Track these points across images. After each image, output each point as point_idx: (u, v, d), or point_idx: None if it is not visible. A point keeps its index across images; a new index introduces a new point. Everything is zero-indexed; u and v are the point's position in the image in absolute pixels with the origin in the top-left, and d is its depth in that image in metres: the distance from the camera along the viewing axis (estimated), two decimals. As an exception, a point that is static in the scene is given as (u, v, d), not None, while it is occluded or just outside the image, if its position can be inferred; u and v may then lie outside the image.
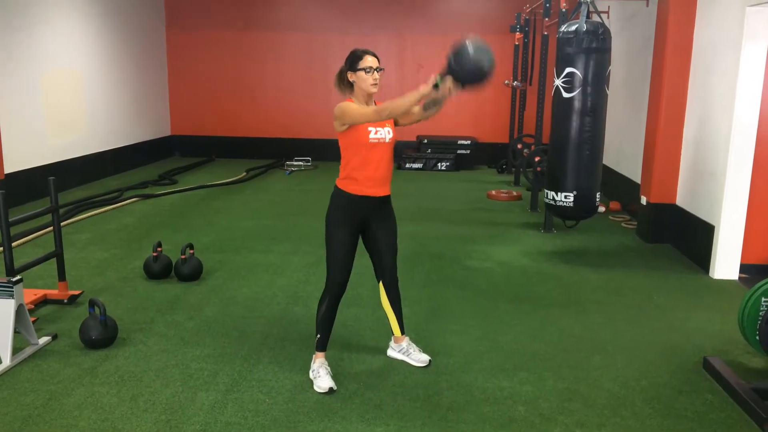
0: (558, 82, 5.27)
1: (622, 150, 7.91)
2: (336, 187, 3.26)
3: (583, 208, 5.38)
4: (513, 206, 7.86)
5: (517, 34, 9.80)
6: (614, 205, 7.65)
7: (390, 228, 3.36)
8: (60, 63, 8.23)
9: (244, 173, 9.82)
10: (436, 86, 2.92)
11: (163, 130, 11.54)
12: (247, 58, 11.43)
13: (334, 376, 3.31)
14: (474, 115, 11.34)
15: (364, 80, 3.13)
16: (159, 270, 4.85)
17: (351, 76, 3.16)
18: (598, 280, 5.04)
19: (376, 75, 3.13)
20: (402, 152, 10.82)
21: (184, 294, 4.56)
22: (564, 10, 6.08)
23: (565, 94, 5.22)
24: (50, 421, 2.91)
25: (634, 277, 5.12)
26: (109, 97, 9.54)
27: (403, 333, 3.58)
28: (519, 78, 9.71)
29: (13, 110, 7.27)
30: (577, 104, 5.21)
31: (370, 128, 3.13)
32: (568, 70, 5.17)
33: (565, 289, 4.84)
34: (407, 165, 10.66)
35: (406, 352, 3.56)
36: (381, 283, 3.46)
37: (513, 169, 9.66)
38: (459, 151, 10.68)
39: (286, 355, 3.60)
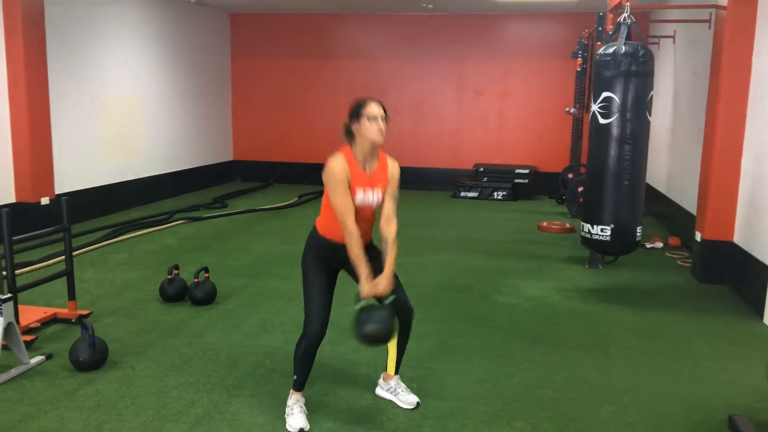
0: (595, 107, 4.94)
1: (685, 182, 7.37)
2: (314, 227, 3.10)
3: (622, 243, 4.97)
4: (563, 239, 7.45)
5: (578, 60, 9.42)
6: (673, 240, 7.11)
7: (379, 267, 3.12)
8: (122, 89, 8.53)
9: (296, 198, 9.84)
10: (357, 297, 2.94)
11: (226, 155, 11.78)
12: (307, 85, 11.54)
13: (314, 412, 3.12)
14: (535, 144, 10.96)
15: (368, 129, 2.93)
16: (173, 293, 4.82)
17: (354, 126, 2.97)
18: (632, 322, 4.62)
19: (381, 124, 2.94)
20: (457, 180, 10.57)
21: (192, 318, 4.50)
22: (611, 32, 5.74)
23: (602, 120, 4.88)
24: (10, 444, 2.86)
25: (674, 320, 4.67)
26: (171, 123, 9.82)
27: (396, 373, 3.34)
28: (577, 105, 9.30)
29: (71, 133, 7.55)
30: (615, 131, 4.84)
31: (358, 190, 2.94)
32: (605, 94, 4.83)
33: (593, 330, 4.45)
34: (462, 194, 10.39)
35: (393, 391, 3.32)
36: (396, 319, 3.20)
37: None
38: (517, 180, 10.32)
39: (270, 388, 3.44)
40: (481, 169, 10.50)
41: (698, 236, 5.72)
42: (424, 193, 10.69)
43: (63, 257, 5.86)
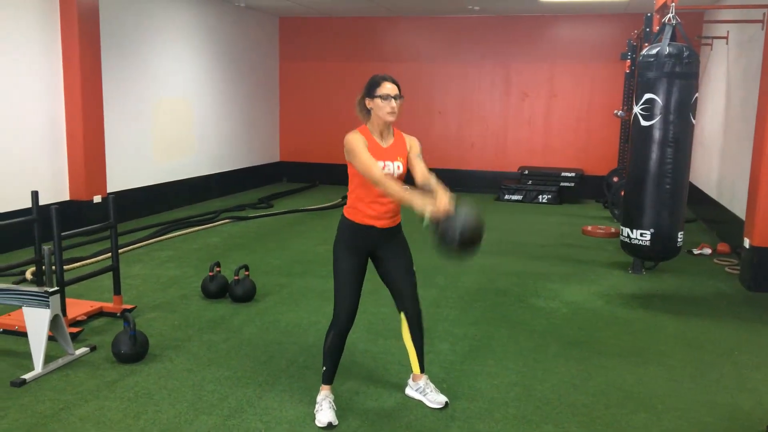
0: (636, 109, 4.85)
1: (735, 187, 7.14)
2: (342, 215, 3.15)
3: (662, 248, 4.87)
4: (607, 243, 7.31)
5: (627, 62, 9.24)
6: (722, 246, 6.90)
7: (403, 259, 3.17)
8: (173, 91, 8.77)
9: (340, 199, 9.94)
10: (421, 218, 2.79)
11: (273, 156, 11.98)
12: (353, 87, 11.56)
13: (343, 410, 3.16)
14: (581, 146, 10.79)
15: (381, 108, 3.00)
16: (215, 290, 4.94)
17: (368, 103, 3.05)
18: (674, 329, 4.52)
19: (394, 103, 2.99)
20: (501, 183, 10.49)
21: (231, 315, 4.60)
22: (654, 34, 5.62)
23: (644, 122, 4.79)
24: (52, 431, 2.98)
25: (718, 329, 4.54)
26: (219, 124, 10.05)
27: (422, 371, 3.35)
28: (625, 107, 9.12)
29: (123, 133, 7.81)
30: (657, 133, 4.75)
31: (379, 162, 2.98)
32: (647, 96, 4.74)
33: (632, 336, 4.37)
34: (506, 196, 10.31)
35: (422, 391, 3.33)
36: (402, 314, 3.26)
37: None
38: (563, 184, 10.18)
39: (302, 384, 3.50)
40: (526, 171, 10.40)
41: (747, 243, 5.55)
42: (468, 195, 10.64)
43: (105, 256, 6.11)
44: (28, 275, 5.35)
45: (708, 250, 6.83)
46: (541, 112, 10.89)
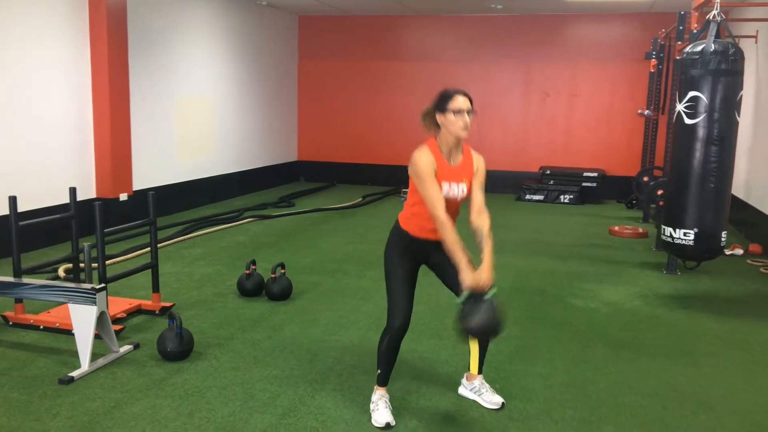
0: (680, 107, 4.79)
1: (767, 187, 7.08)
2: (396, 222, 3.10)
3: (705, 248, 4.80)
4: (636, 244, 7.25)
5: (652, 61, 9.18)
6: (754, 247, 6.83)
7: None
8: (194, 90, 8.75)
9: (360, 199, 9.89)
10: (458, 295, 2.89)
11: (291, 156, 11.94)
12: (371, 86, 11.59)
13: (397, 410, 3.11)
14: (603, 147, 10.72)
15: (453, 123, 2.91)
16: (251, 288, 4.89)
17: (439, 118, 2.96)
18: (719, 330, 4.45)
19: (467, 118, 2.91)
20: (522, 183, 10.43)
21: (270, 313, 4.56)
22: (695, 31, 5.56)
23: (688, 121, 4.73)
24: (108, 429, 2.94)
25: (763, 329, 4.48)
26: (240, 123, 10.02)
27: (479, 372, 3.30)
28: (651, 107, 9.06)
29: (147, 132, 7.79)
30: (701, 132, 4.69)
31: (444, 184, 2.92)
32: (691, 94, 4.68)
33: (678, 337, 4.31)
34: (527, 196, 10.25)
35: (478, 391, 3.28)
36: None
37: (642, 205, 8.97)
38: (584, 184, 10.10)
39: (353, 383, 3.45)
40: (548, 171, 10.33)
41: (786, 243, 5.48)
42: (488, 195, 10.49)
43: (144, 250, 6.07)
44: (61, 273, 5.32)
45: (740, 251, 6.76)
46: (562, 112, 10.83)
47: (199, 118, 8.97)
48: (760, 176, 7.37)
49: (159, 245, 6.39)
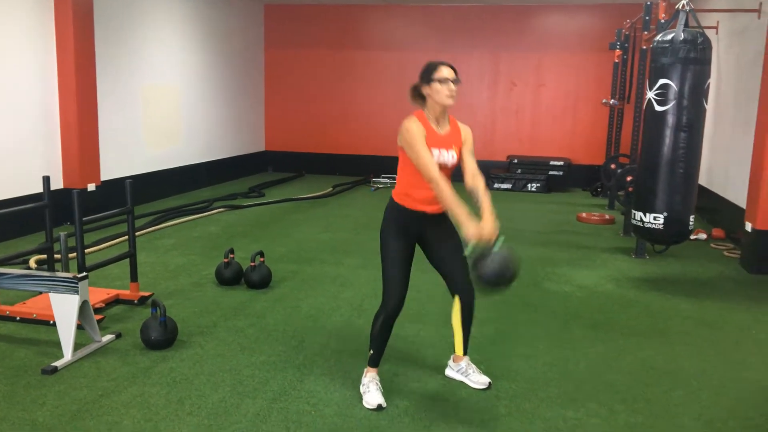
0: (650, 94, 4.92)
1: (729, 173, 7.31)
2: (391, 198, 3.13)
3: (675, 232, 4.95)
4: (604, 230, 7.42)
5: (617, 51, 9.37)
6: (717, 232, 7.07)
7: (452, 242, 3.15)
8: (160, 78, 8.61)
9: (330, 188, 9.88)
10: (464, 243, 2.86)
11: (258, 146, 11.85)
12: (340, 76, 11.57)
13: (386, 392, 3.14)
14: (569, 136, 10.91)
15: (439, 92, 2.97)
16: (230, 276, 4.87)
17: (425, 89, 3.01)
18: (689, 311, 4.61)
19: (452, 86, 2.97)
20: (490, 172, 10.55)
21: (250, 301, 4.55)
22: (663, 21, 5.71)
23: (658, 108, 4.86)
24: (97, 417, 2.91)
25: (732, 310, 4.65)
26: (207, 112, 9.90)
27: (465, 353, 3.36)
28: (617, 96, 9.26)
29: (114, 121, 7.64)
30: (670, 119, 4.82)
31: (434, 150, 2.96)
32: (661, 81, 4.81)
33: (651, 317, 4.45)
34: (495, 185, 10.39)
35: (464, 372, 3.34)
36: (457, 298, 3.21)
37: (608, 192, 9.17)
38: (551, 173, 10.29)
39: (341, 368, 3.48)
40: (515, 161, 10.48)
41: (749, 226, 5.68)
42: (456, 184, 10.62)
43: (116, 240, 5.98)
44: (33, 264, 5.21)
45: (703, 236, 6.98)
46: (529, 102, 10.98)
47: (166, 107, 8.84)
48: (720, 163, 7.61)
49: (117, 240, 6.28)
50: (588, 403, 3.15)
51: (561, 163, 10.30)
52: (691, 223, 5.01)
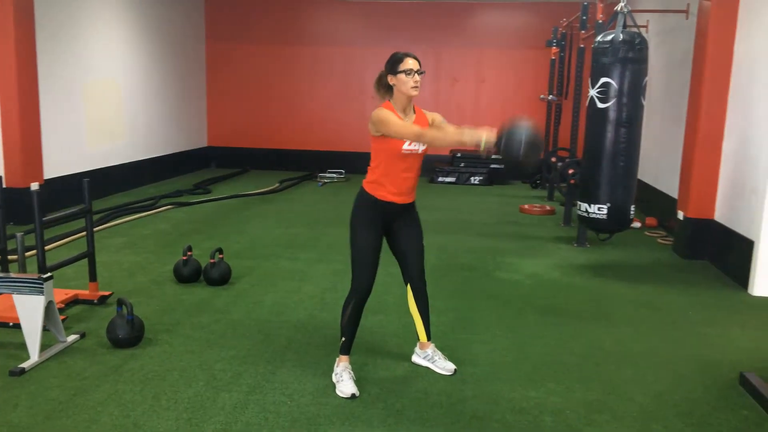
0: (593, 92, 5.20)
1: (660, 165, 7.75)
2: (362, 188, 3.25)
3: (617, 221, 5.26)
4: (546, 220, 7.75)
5: (554, 49, 9.73)
6: (650, 220, 7.49)
7: (415, 232, 3.34)
8: (101, 73, 8.43)
9: (277, 184, 9.89)
10: (479, 143, 2.86)
11: (200, 141, 11.71)
12: (284, 71, 11.56)
13: (357, 381, 3.27)
14: (508, 130, 11.23)
15: (405, 83, 3.10)
16: (188, 274, 4.88)
17: (391, 80, 3.14)
18: (630, 295, 4.92)
19: (417, 77, 3.10)
20: (434, 166, 10.78)
21: (212, 298, 4.59)
22: (601, 21, 6.01)
23: (600, 105, 5.14)
24: (73, 415, 2.93)
25: (668, 293, 4.98)
26: (148, 108, 9.74)
27: (429, 339, 3.52)
28: (554, 92, 9.62)
29: (56, 117, 7.45)
30: (612, 115, 5.12)
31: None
32: (603, 80, 5.09)
33: (596, 302, 4.73)
34: (440, 179, 10.62)
35: (431, 359, 3.50)
36: (409, 286, 3.41)
37: (547, 184, 9.54)
38: (492, 166, 10.60)
39: (310, 359, 3.58)
40: (458, 154, 10.74)
41: (681, 215, 6.07)
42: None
43: (69, 239, 5.89)
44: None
45: (638, 224, 7.38)
46: (470, 97, 11.26)
47: (108, 103, 8.66)
48: (652, 156, 8.04)
49: (78, 235, 6.19)
50: (546, 383, 3.36)
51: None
52: (632, 212, 5.33)
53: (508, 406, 3.11)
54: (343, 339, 3.26)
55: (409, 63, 3.11)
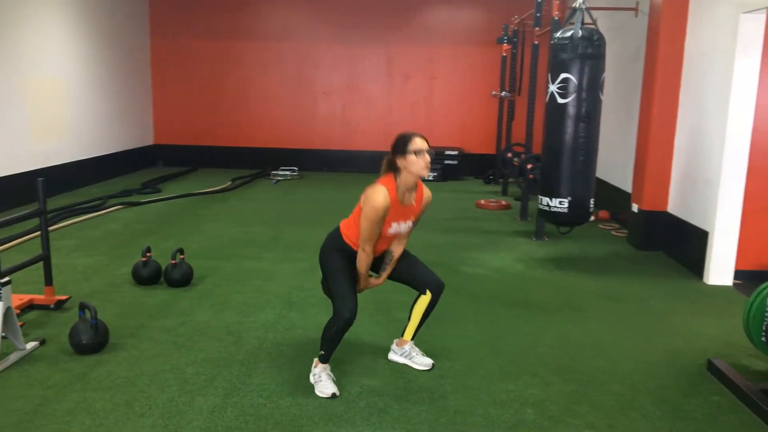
0: (553, 87, 5.27)
1: (611, 159, 7.93)
2: (338, 230, 3.22)
3: (578, 214, 5.35)
4: (502, 215, 7.84)
5: (505, 45, 9.85)
6: (603, 214, 7.66)
7: (404, 257, 3.38)
8: (44, 70, 8.08)
9: (230, 182, 9.70)
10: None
11: (147, 139, 11.38)
12: (233, 67, 11.34)
13: (336, 380, 3.21)
14: (460, 126, 11.34)
15: (415, 164, 3.04)
16: (148, 275, 4.72)
17: (400, 161, 3.06)
18: (593, 286, 5.01)
19: (428, 158, 3.05)
20: (389, 162, 10.74)
21: (175, 299, 4.44)
22: (556, 18, 6.10)
23: (560, 100, 5.22)
24: (41, 426, 2.78)
25: (628, 284, 5.10)
26: (93, 105, 9.39)
27: (412, 339, 3.50)
28: (507, 88, 9.74)
29: (-5, 115, 7.11)
30: (571, 110, 5.20)
31: (393, 224, 3.10)
32: (563, 75, 5.17)
33: (562, 294, 4.80)
34: (394, 175, 10.59)
35: (408, 355, 3.48)
36: (428, 290, 3.34)
37: (501, 179, 9.65)
38: (447, 162, 10.66)
39: (285, 360, 3.50)
40: (412, 151, 10.73)
41: (635, 207, 6.23)
42: (355, 175, 10.81)
43: (17, 241, 5.62)
44: None
45: (591, 217, 7.52)
46: (423, 94, 11.29)
47: (52, 100, 8.30)
48: (603, 151, 8.20)
49: (26, 238, 5.92)
50: (523, 376, 3.38)
51: (455, 152, 10.69)
52: (591, 206, 5.43)
53: (489, 399, 3.12)
54: (323, 352, 3.17)
55: (418, 143, 3.05)
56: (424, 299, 3.35)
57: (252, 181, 10.16)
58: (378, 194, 3.00)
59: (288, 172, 10.71)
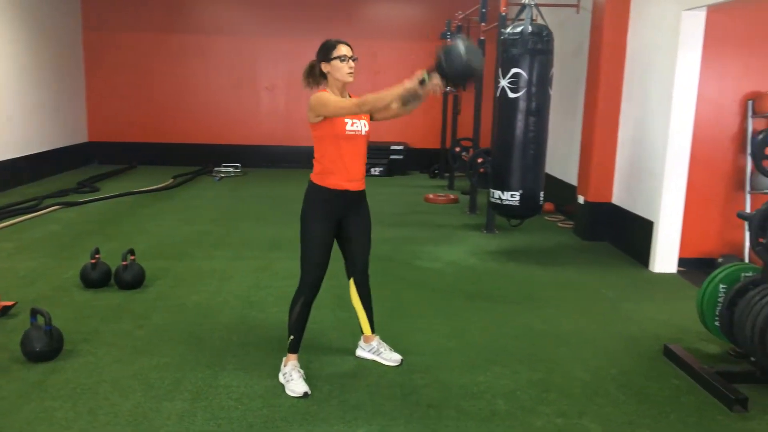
0: (504, 82, 5.35)
1: (555, 153, 8.10)
2: (311, 182, 3.15)
3: (529, 207, 5.46)
4: (451, 209, 7.92)
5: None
6: (548, 206, 7.83)
7: (366, 225, 3.30)
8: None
9: (171, 180, 9.44)
10: (422, 82, 2.85)
11: (80, 137, 10.94)
12: (171, 61, 11.02)
13: (306, 379, 3.17)
14: (405, 121, 11.34)
15: (340, 69, 3.05)
16: (98, 278, 4.54)
17: (325, 67, 3.08)
18: (546, 277, 5.12)
19: (352, 63, 3.07)
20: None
21: (128, 302, 4.29)
22: (504, 14, 6.19)
23: (511, 95, 5.30)
24: (0, 440, 2.64)
25: (579, 273, 5.24)
26: (23, 102, 8.94)
27: (373, 332, 3.49)
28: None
29: None
30: (522, 104, 5.29)
31: (346, 120, 3.05)
32: (513, 70, 5.25)
33: (518, 285, 4.89)
34: (339, 171, 10.55)
35: (376, 351, 3.47)
36: (352, 280, 3.37)
37: (447, 174, 9.75)
38: (392, 157, 10.69)
39: (251, 361, 3.44)
40: (357, 146, 10.71)
41: (581, 199, 6.40)
42: (298, 171, 10.69)
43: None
44: None
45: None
46: (366, 89, 11.16)
47: (-21, 96, 7.88)
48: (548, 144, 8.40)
49: (-42, 242, 5.60)
50: (492, 367, 3.43)
51: (401, 147, 10.73)
52: (541, 198, 5.54)
53: (460, 392, 3.15)
54: (292, 338, 3.15)
55: (343, 49, 3.06)
56: (352, 288, 3.37)
57: (194, 178, 9.92)
58: (316, 93, 3.03)
59: (231, 169, 10.51)
